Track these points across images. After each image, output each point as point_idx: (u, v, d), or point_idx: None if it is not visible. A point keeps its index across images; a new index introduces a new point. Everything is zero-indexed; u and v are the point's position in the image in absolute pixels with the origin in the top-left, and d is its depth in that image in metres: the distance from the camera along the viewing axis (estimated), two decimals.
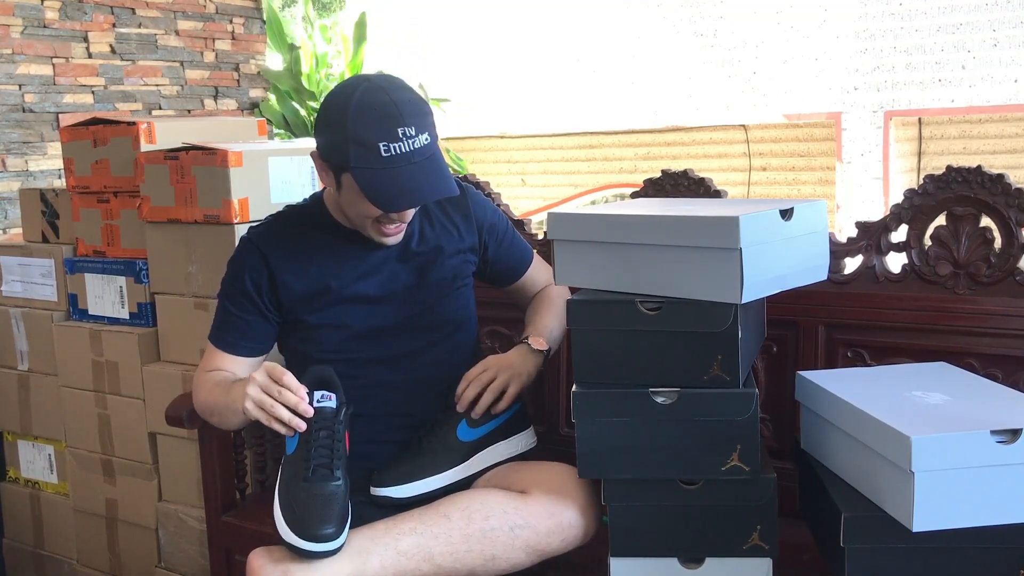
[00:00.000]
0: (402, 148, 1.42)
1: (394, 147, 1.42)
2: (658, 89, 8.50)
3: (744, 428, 1.35)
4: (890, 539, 1.26)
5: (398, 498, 1.47)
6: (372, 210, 1.48)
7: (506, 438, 1.58)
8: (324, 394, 1.43)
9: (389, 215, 1.51)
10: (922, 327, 1.64)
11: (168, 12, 4.57)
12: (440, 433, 1.54)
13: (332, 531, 1.31)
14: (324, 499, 1.33)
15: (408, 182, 1.43)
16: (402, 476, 1.49)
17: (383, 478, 1.50)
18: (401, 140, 1.42)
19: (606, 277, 1.44)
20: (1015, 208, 1.58)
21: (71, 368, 2.42)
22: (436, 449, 1.52)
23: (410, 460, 1.52)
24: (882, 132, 7.56)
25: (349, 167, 1.43)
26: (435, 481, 1.50)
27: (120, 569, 2.43)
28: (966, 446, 1.20)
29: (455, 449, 1.52)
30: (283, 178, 2.18)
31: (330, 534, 1.30)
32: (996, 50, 7.15)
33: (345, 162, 1.43)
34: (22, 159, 3.99)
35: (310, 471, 1.36)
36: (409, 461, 1.52)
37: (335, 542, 1.31)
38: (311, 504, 1.32)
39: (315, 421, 1.39)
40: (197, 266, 2.17)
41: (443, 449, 1.52)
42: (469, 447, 1.54)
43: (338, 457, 1.38)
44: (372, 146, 1.41)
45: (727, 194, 1.85)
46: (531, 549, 1.39)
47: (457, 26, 8.92)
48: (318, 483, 1.34)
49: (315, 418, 1.39)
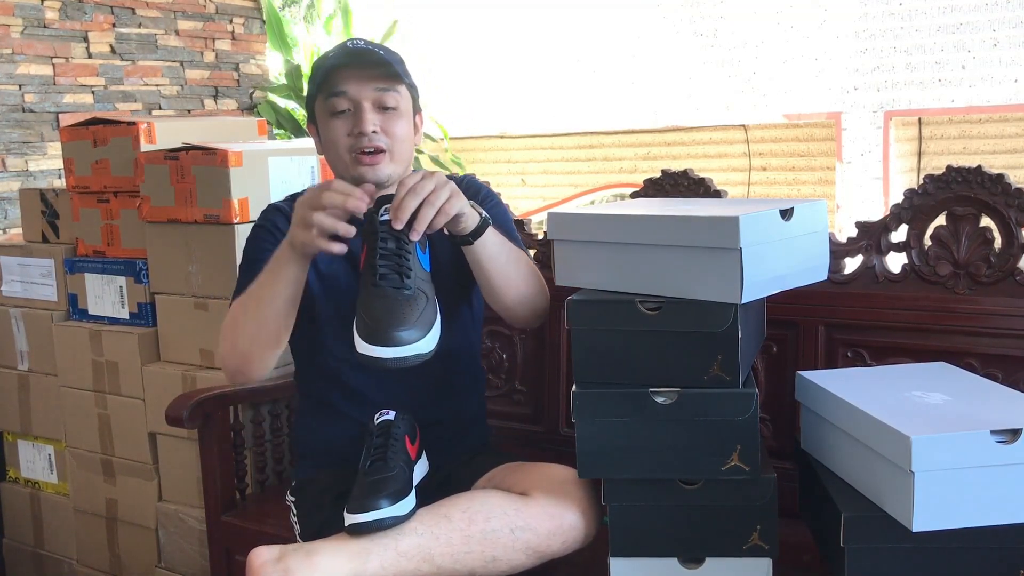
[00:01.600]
0: (347, 48, 1.53)
1: (340, 50, 1.52)
2: (658, 89, 8.49)
3: (744, 428, 1.35)
4: (890, 539, 1.26)
5: (379, 358, 1.28)
6: (341, 131, 1.53)
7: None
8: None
9: (360, 127, 1.51)
10: (922, 327, 1.64)
11: (168, 12, 4.57)
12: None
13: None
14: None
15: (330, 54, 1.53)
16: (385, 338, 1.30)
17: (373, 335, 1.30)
18: (347, 45, 1.54)
19: (606, 277, 1.44)
20: (1015, 208, 1.58)
21: (71, 368, 2.42)
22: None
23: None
24: (882, 132, 7.55)
25: (313, 90, 1.54)
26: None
27: (120, 569, 2.43)
28: (966, 446, 1.20)
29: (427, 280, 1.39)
30: (283, 178, 2.19)
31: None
32: (996, 50, 7.14)
33: (311, 89, 1.54)
34: (22, 159, 3.99)
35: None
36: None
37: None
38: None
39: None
40: (197, 266, 2.17)
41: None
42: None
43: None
44: (324, 59, 1.53)
45: (727, 194, 1.85)
46: (532, 551, 1.39)
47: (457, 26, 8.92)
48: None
49: (374, 428, 1.43)
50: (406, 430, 1.48)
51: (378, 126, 1.53)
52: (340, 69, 1.52)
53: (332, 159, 1.58)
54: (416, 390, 1.62)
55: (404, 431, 1.47)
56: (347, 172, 1.56)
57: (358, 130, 1.53)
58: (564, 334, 1.94)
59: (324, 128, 1.57)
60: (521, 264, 1.57)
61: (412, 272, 1.32)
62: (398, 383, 1.61)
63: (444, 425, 1.64)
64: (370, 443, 1.44)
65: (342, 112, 1.53)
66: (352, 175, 1.55)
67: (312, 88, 1.57)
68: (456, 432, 1.68)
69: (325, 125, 1.56)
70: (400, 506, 1.34)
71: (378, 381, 1.61)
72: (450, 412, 1.66)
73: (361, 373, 1.57)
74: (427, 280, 1.36)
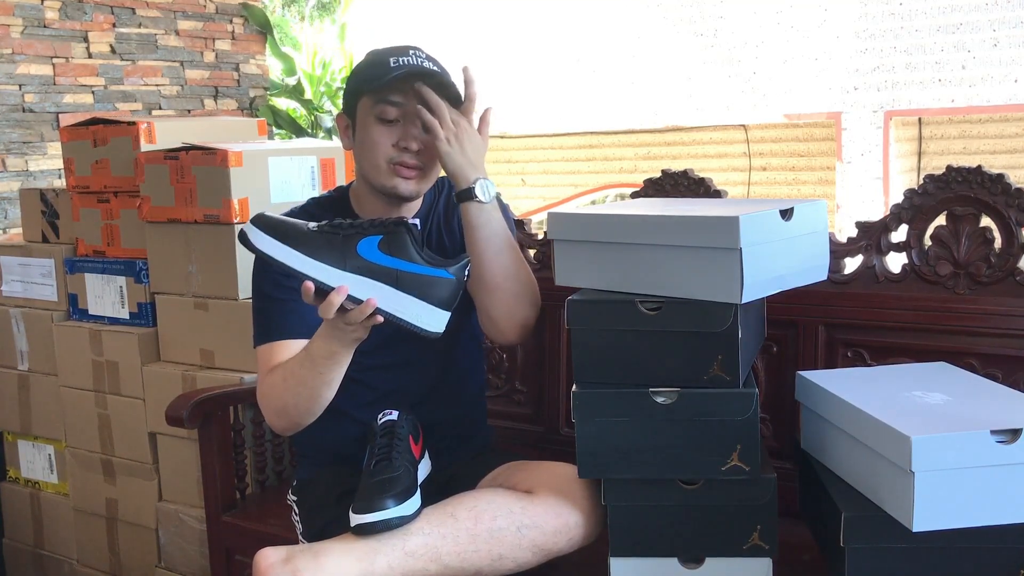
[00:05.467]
0: (412, 61, 1.48)
1: (405, 60, 1.48)
2: (658, 89, 8.50)
3: (744, 428, 1.35)
4: (890, 539, 1.26)
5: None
6: (385, 139, 1.50)
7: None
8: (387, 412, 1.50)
9: (406, 143, 1.50)
10: (922, 327, 1.64)
11: (168, 12, 4.56)
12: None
13: (389, 500, 1.32)
14: (382, 483, 1.35)
15: (399, 68, 1.47)
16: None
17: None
18: (410, 56, 1.50)
19: (606, 277, 1.43)
20: (1015, 208, 1.58)
21: (71, 368, 2.42)
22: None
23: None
24: (882, 132, 7.55)
25: (360, 86, 1.50)
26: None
27: (120, 569, 2.43)
28: (966, 446, 1.20)
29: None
30: (283, 178, 2.19)
31: (387, 503, 1.32)
32: (996, 50, 7.14)
33: (358, 85, 1.50)
34: (22, 159, 3.99)
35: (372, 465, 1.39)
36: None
37: (394, 510, 1.32)
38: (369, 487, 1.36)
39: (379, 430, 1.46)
40: (197, 266, 2.17)
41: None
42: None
43: (398, 452, 1.41)
44: (385, 61, 1.48)
45: (727, 194, 1.85)
46: (538, 549, 1.39)
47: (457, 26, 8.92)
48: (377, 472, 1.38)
49: (378, 428, 1.47)
50: (410, 430, 1.48)
51: (423, 145, 1.53)
52: (404, 80, 1.49)
53: (366, 160, 1.55)
54: (419, 391, 1.62)
55: (408, 431, 1.47)
56: (378, 179, 1.54)
57: (404, 144, 1.52)
58: (564, 334, 1.94)
59: (366, 128, 1.53)
60: (517, 262, 1.56)
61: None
62: (400, 384, 1.61)
63: (447, 426, 1.64)
64: (374, 443, 1.45)
65: (391, 121, 1.52)
66: (383, 183, 1.54)
67: (360, 84, 1.53)
68: (459, 433, 1.68)
69: (368, 126, 1.53)
70: (406, 506, 1.34)
71: (380, 381, 1.61)
72: (453, 413, 1.66)
73: (362, 373, 1.57)
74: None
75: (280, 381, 1.47)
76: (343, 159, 2.34)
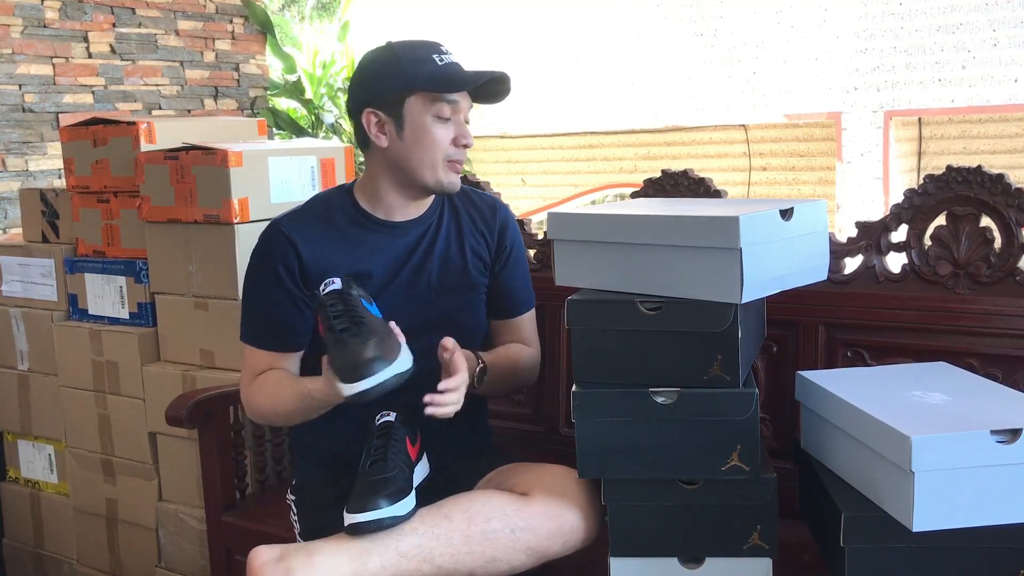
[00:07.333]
0: (451, 59, 1.55)
1: (445, 58, 1.54)
2: (658, 89, 8.50)
3: (744, 428, 1.35)
4: (890, 539, 1.26)
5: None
6: (445, 137, 1.54)
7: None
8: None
9: (465, 140, 1.55)
10: (922, 327, 1.64)
11: (168, 12, 4.56)
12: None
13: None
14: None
15: (470, 72, 1.53)
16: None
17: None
18: (447, 54, 1.55)
19: (606, 277, 1.44)
20: (1015, 208, 1.58)
21: (71, 368, 2.42)
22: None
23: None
24: (882, 132, 7.56)
25: (412, 84, 1.51)
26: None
27: (120, 569, 2.43)
28: (966, 446, 1.20)
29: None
30: (283, 178, 2.19)
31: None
32: (996, 50, 7.14)
33: (407, 83, 1.51)
34: (22, 159, 3.99)
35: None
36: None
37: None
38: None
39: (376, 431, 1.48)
40: (197, 266, 2.17)
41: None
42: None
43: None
44: (427, 59, 1.52)
45: (727, 194, 1.85)
46: (532, 551, 1.38)
47: (457, 26, 8.92)
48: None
49: (375, 429, 1.48)
50: (407, 431, 1.48)
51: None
52: (466, 84, 1.53)
53: (422, 157, 1.55)
54: (418, 393, 1.61)
55: (405, 432, 1.47)
56: (434, 175, 1.56)
57: (464, 142, 1.56)
58: (564, 334, 1.94)
59: (423, 127, 1.54)
60: (519, 369, 1.68)
61: (364, 318, 1.39)
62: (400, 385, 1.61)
63: (446, 427, 1.64)
64: (370, 444, 1.45)
65: (446, 119, 1.54)
66: (439, 179, 1.57)
67: (409, 81, 1.52)
68: (459, 434, 1.67)
69: (425, 124, 1.53)
70: (399, 506, 1.34)
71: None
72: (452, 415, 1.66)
73: None
74: (381, 321, 1.44)
75: (267, 401, 1.57)
76: (343, 159, 2.34)
